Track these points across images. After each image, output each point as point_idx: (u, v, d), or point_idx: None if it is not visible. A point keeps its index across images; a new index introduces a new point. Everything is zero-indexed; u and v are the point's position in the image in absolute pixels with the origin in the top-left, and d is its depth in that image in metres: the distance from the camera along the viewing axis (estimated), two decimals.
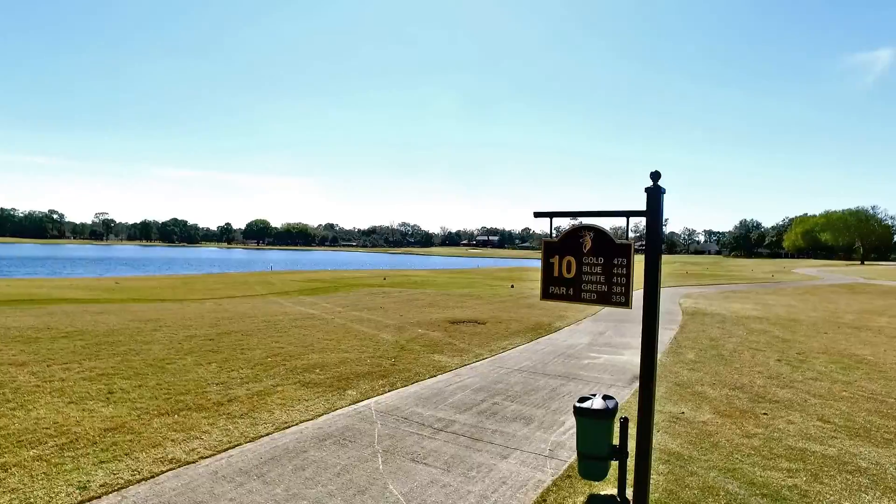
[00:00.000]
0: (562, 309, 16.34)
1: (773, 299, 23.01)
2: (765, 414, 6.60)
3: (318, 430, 5.74)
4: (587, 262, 4.12)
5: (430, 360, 9.26)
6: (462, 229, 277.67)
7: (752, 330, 13.63)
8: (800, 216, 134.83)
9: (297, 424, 5.86)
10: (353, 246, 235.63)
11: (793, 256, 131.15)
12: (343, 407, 6.54)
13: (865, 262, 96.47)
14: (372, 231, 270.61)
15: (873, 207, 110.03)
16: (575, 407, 4.20)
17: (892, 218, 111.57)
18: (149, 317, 13.40)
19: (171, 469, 4.62)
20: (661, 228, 3.83)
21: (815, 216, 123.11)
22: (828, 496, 4.40)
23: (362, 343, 10.53)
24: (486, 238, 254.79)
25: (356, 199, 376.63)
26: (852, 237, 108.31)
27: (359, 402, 6.77)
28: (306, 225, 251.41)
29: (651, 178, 3.79)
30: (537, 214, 4.38)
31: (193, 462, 4.78)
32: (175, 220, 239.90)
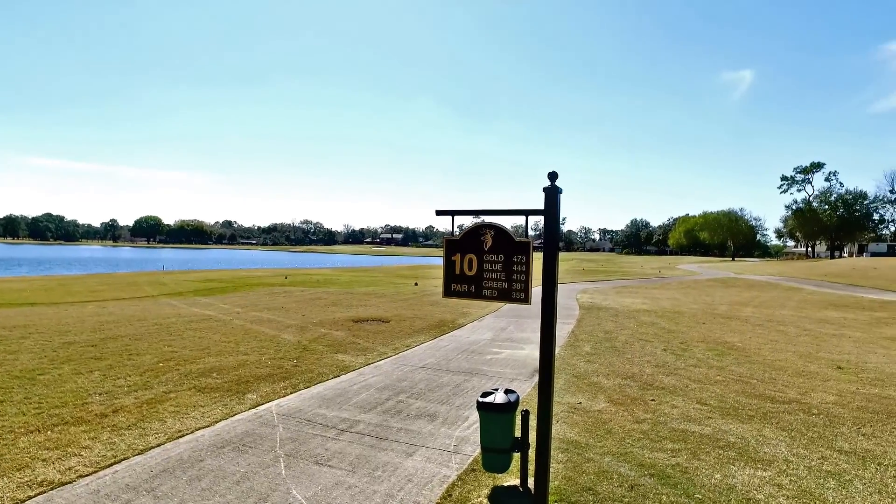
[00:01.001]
0: (465, 306, 16.66)
1: (660, 293, 24.77)
2: (652, 400, 7.11)
3: (215, 437, 5.48)
4: (488, 259, 4.24)
5: (333, 360, 9.12)
6: (366, 227, 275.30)
7: (642, 322, 14.60)
8: (682, 216, 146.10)
9: (192, 433, 5.56)
10: (252, 244, 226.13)
11: (677, 253, 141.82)
12: (243, 411, 6.29)
13: (735, 259, 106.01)
14: (273, 229, 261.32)
15: (741, 209, 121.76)
16: (478, 402, 4.31)
17: (755, 219, 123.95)
18: (15, 323, 12.12)
19: (41, 493, 4.18)
20: (558, 226, 4.02)
21: (695, 216, 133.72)
22: (704, 470, 4.84)
23: (263, 344, 10.17)
24: (390, 236, 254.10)
25: (257, 195, 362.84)
26: (725, 236, 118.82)
27: (259, 405, 6.54)
28: (202, 222, 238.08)
29: (549, 178, 3.96)
30: (439, 213, 4.44)
31: (70, 482, 4.37)
32: (49, 215, 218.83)
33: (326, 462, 4.92)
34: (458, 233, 4.38)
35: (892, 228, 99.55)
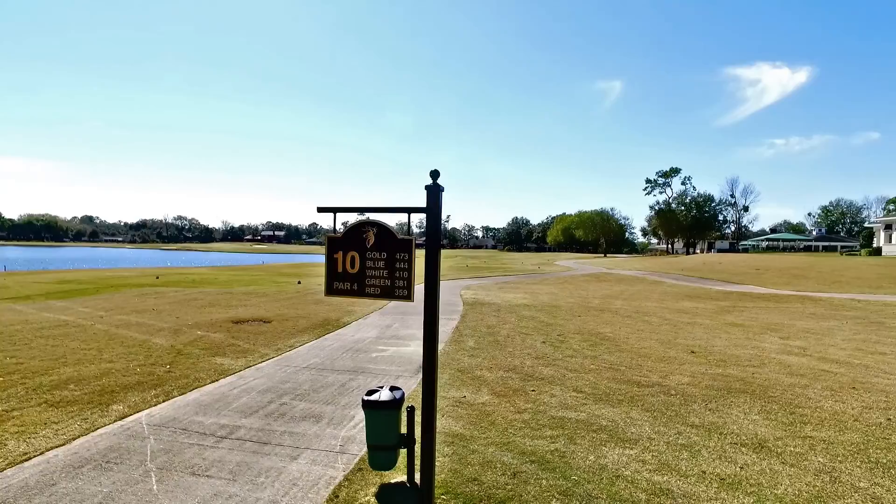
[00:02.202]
0: (349, 304, 16.47)
1: (539, 288, 26.04)
2: (533, 391, 7.47)
3: (72, 456, 4.96)
4: (371, 257, 4.22)
5: (211, 363, 8.64)
6: (246, 224, 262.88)
7: (523, 316, 15.28)
8: (560, 215, 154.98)
9: (41, 454, 4.98)
10: (118, 242, 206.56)
11: (555, 250, 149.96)
12: (107, 425, 5.77)
13: (607, 255, 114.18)
14: (142, 225, 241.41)
15: (612, 209, 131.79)
16: (363, 400, 4.29)
17: (624, 218, 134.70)
18: None
19: None
20: (440, 224, 4.09)
21: (571, 215, 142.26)
22: (579, 454, 5.18)
23: (130, 350, 9.39)
24: (272, 233, 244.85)
25: (123, 188, 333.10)
26: (598, 233, 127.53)
27: (127, 417, 6.04)
28: (55, 217, 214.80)
29: (431, 176, 4.02)
30: (321, 210, 4.35)
31: None
32: None
33: (204, 472, 4.65)
34: (341, 230, 4.33)
35: (733, 228, 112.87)
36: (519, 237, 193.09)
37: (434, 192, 4.00)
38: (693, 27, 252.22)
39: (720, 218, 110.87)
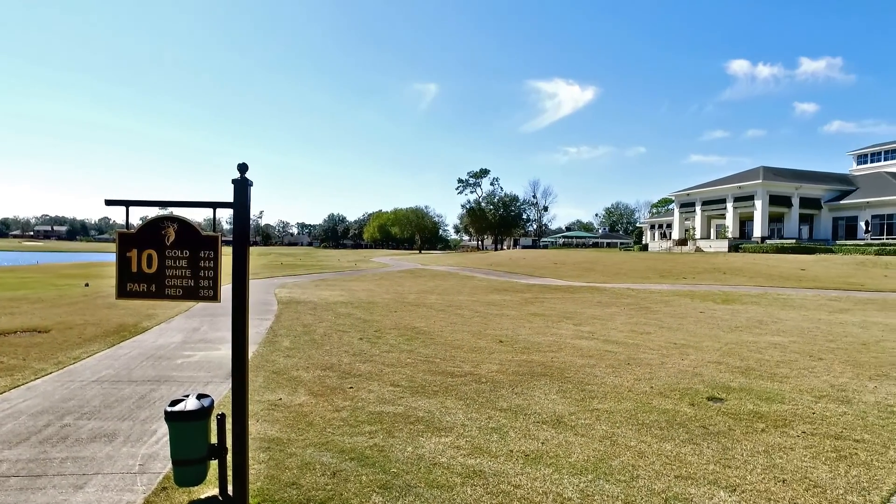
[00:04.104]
0: (150, 307, 14.87)
1: (356, 285, 26.03)
2: (351, 388, 7.43)
3: None
4: (171, 255, 3.84)
5: None
6: (13, 217, 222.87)
7: (340, 314, 15.13)
8: (376, 212, 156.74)
9: None
10: None
11: (371, 247, 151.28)
12: None
13: (422, 251, 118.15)
14: None
15: (427, 207, 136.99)
16: (166, 412, 3.88)
17: (438, 216, 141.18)
18: None
19: None
20: (249, 220, 3.87)
21: (387, 213, 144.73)
22: (398, 446, 5.28)
23: None
24: (49, 228, 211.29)
25: None
26: (413, 230, 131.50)
27: None
28: None
29: (238, 170, 3.78)
30: (110, 202, 3.84)
31: None
32: None
33: None
34: (137, 226, 3.86)
35: (535, 226, 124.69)
36: (336, 234, 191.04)
37: (242, 186, 3.77)
38: (502, 40, 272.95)
39: (524, 216, 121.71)
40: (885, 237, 48.69)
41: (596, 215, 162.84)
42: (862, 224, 50.94)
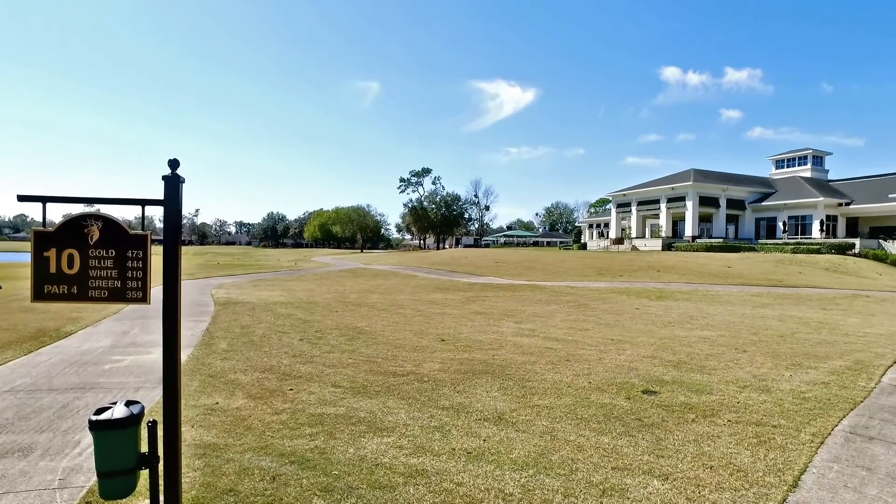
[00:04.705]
0: (74, 310, 14.07)
1: (296, 285, 25.50)
2: (291, 390, 7.27)
3: None
4: (95, 255, 3.63)
5: None
6: None
7: (279, 314, 14.79)
8: (317, 211, 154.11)
9: None
10: None
11: (312, 246, 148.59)
12: None
13: (364, 250, 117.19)
14: None
15: (368, 205, 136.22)
16: (90, 421, 3.67)
17: (380, 214, 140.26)
18: None
19: None
20: (181, 218, 3.72)
21: (328, 211, 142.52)
22: (339, 448, 5.21)
23: None
24: None
25: None
26: (355, 229, 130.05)
27: None
28: None
29: (169, 166, 3.63)
30: (23, 198, 3.59)
31: None
32: None
33: None
34: (56, 223, 3.64)
35: (477, 225, 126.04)
36: (275, 233, 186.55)
37: (173, 183, 3.62)
38: (444, 40, 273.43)
39: (466, 216, 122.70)
40: (799, 237, 52.28)
41: (536, 214, 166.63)
42: (780, 224, 54.38)
